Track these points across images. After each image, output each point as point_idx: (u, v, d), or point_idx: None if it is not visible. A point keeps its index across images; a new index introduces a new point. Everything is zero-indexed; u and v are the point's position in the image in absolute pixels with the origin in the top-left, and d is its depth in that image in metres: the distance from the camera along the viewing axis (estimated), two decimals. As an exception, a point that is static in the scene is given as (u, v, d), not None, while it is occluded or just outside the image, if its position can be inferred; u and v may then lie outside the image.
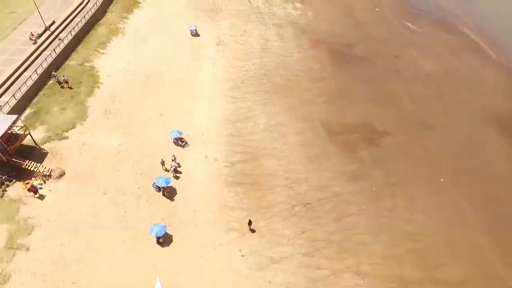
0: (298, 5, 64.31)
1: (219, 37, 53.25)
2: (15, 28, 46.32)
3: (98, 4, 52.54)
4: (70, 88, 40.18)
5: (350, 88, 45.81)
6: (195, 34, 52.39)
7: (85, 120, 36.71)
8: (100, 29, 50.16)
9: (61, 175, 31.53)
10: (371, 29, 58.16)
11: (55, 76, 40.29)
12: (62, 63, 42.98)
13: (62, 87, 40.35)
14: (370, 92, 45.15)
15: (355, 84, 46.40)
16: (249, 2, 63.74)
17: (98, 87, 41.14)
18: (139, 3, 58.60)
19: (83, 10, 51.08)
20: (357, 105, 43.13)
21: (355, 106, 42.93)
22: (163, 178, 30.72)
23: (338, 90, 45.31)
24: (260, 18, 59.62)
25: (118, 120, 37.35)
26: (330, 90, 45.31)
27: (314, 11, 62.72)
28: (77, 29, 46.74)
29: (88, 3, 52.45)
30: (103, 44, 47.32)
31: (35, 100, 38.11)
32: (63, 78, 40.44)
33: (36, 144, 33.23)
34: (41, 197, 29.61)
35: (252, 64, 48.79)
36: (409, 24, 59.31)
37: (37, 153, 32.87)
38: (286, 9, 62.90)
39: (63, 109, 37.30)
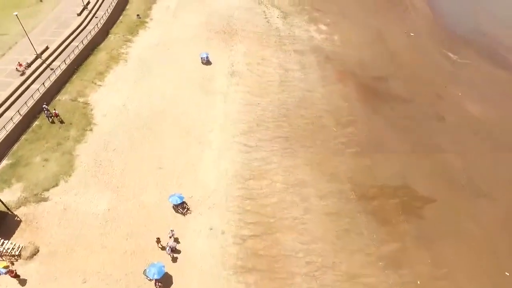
0: (323, 27, 57.59)
1: (233, 66, 46.99)
2: (3, 55, 41.16)
3: (100, 25, 47.09)
4: (61, 122, 34.97)
5: (384, 136, 38.87)
6: (207, 62, 46.26)
7: (70, 176, 30.93)
8: (100, 55, 44.60)
9: (34, 254, 25.75)
10: (406, 59, 50.96)
11: (46, 110, 34.94)
12: (52, 98, 37.50)
13: (53, 121, 35.01)
14: (408, 142, 38.13)
15: (390, 131, 39.44)
16: (268, 23, 57.35)
17: (91, 129, 35.38)
18: (146, 22, 52.92)
19: (82, 32, 45.67)
20: (394, 160, 36.19)
21: (391, 161, 35.99)
22: (156, 266, 24.57)
23: (370, 138, 38.43)
24: (280, 42, 53.12)
25: (109, 176, 31.40)
26: (361, 138, 38.44)
27: (340, 34, 55.88)
28: (73, 56, 41.21)
29: (89, 25, 47.02)
30: (101, 75, 41.65)
31: (15, 147, 32.64)
32: (54, 111, 35.21)
33: (8, 209, 27.67)
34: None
35: (270, 101, 42.37)
36: (450, 54, 51.87)
37: (8, 222, 27.31)
38: (309, 31, 56.27)
39: (46, 160, 31.63)
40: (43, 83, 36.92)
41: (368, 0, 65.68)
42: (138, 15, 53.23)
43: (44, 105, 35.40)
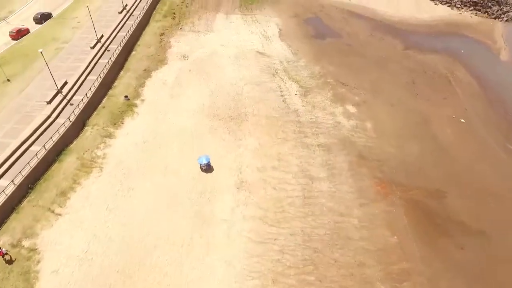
0: (351, 108, 47.23)
1: (240, 172, 36.20)
2: None
3: (74, 116, 37.21)
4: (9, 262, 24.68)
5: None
6: (207, 168, 35.75)
7: None
8: (68, 162, 34.25)
9: None
10: (462, 160, 39.70)
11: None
12: (-14, 243, 26.82)
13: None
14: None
15: (466, 294, 27.59)
16: (284, 102, 47.18)
17: (31, 300, 24.30)
18: (135, 106, 43.07)
19: (49, 128, 35.71)
20: None
21: None
22: None
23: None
24: (300, 131, 42.60)
25: None
26: (425, 308, 26.66)
27: (374, 120, 45.29)
28: (28, 170, 30.98)
29: (59, 117, 37.13)
30: (63, 196, 30.95)
31: None
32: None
33: None
34: None
35: (290, 234, 30.91)
36: (520, 152, 40.82)
37: None
38: (334, 115, 45.86)
39: None
40: (-27, 224, 26.41)
41: (401, 71, 55.97)
42: (126, 96, 43.57)
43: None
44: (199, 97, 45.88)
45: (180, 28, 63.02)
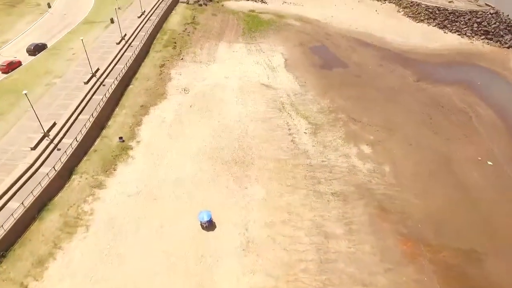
0: (366, 148, 43.30)
1: (247, 230, 31.70)
2: None
3: (60, 166, 33.13)
4: None
5: None
6: (208, 226, 31.42)
7: None
8: (49, 219, 29.92)
9: None
10: (497, 210, 35.36)
11: None
12: None
13: None
14: None
15: None
16: (293, 142, 43.27)
17: None
18: (130, 149, 39.15)
19: (29, 180, 31.56)
20: None
21: None
22: None
23: None
24: (311, 176, 38.40)
25: None
26: None
27: (392, 162, 41.18)
28: (2, 232, 26.66)
29: (42, 166, 33.06)
30: (40, 266, 26.34)
31: None
32: None
33: None
34: None
35: (307, 313, 26.47)
36: (558, 203, 36.48)
37: None
38: (348, 157, 41.85)
39: None
40: None
41: (415, 105, 52.48)
42: (120, 137, 39.75)
43: None
44: (200, 137, 42.08)
45: (182, 59, 60.14)
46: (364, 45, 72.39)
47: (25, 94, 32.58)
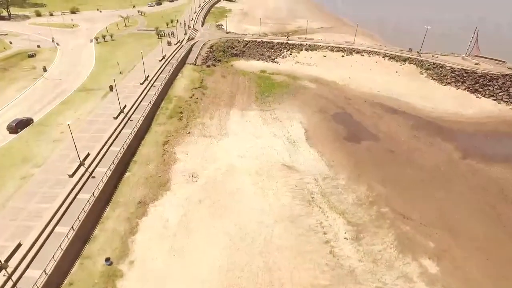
0: (430, 265, 32.68)
1: None
2: None
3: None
4: None
5: None
6: None
7: None
8: None
9: None
10: None
11: None
12: None
13: None
14: None
15: None
16: (332, 255, 33.00)
17: None
18: (119, 277, 28.66)
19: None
20: None
21: None
22: None
23: None
24: (366, 316, 28.28)
25: None
26: None
27: (468, 285, 31.24)
28: None
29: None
30: None
31: None
32: None
33: None
34: None
35: None
36: None
37: None
38: (410, 280, 30.98)
39: None
40: None
41: (471, 192, 43.35)
42: (107, 259, 29.81)
43: None
44: (212, 252, 32.09)
45: (188, 132, 52.21)
46: (391, 111, 65.35)
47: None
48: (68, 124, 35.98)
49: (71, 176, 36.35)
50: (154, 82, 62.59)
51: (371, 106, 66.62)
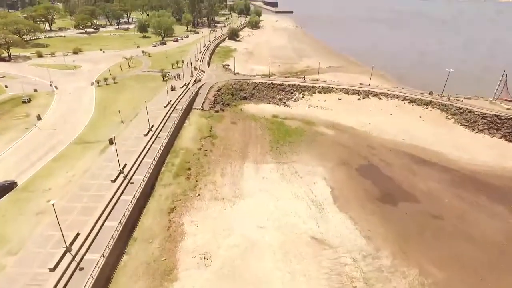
0: None
1: None
2: None
3: None
4: None
5: None
6: None
7: None
8: None
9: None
10: None
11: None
12: None
13: None
14: None
15: None
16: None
17: None
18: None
19: None
20: None
21: None
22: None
23: None
24: None
25: None
26: None
27: None
28: None
29: None
30: None
31: None
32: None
33: None
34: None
35: None
36: None
37: None
38: None
39: None
40: None
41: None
42: None
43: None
44: None
45: (198, 195, 44.81)
46: (422, 162, 58.54)
47: None
48: (53, 204, 28.54)
49: (52, 270, 28.47)
50: (159, 133, 56.24)
51: (398, 157, 59.93)
